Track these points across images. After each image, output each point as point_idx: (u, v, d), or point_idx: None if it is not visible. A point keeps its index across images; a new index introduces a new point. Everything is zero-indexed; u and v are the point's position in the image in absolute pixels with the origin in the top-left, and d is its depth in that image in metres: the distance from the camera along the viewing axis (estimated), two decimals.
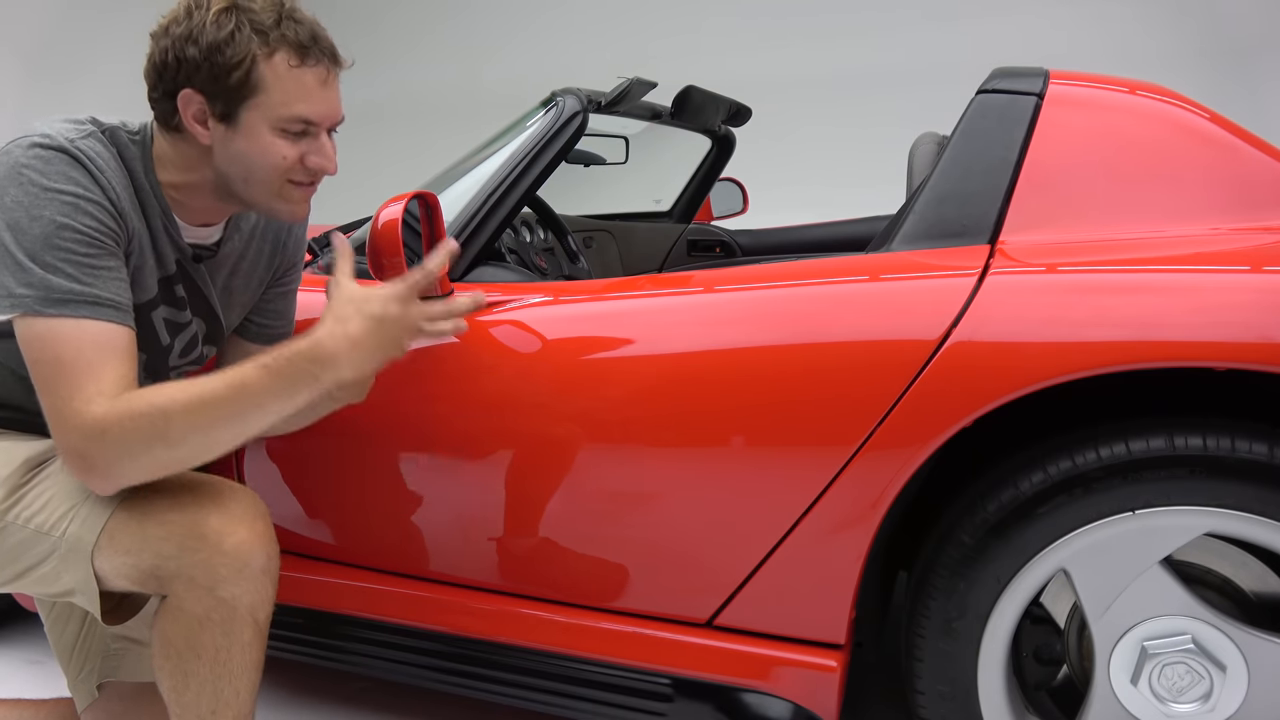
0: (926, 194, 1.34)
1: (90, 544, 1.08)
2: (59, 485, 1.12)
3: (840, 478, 1.21)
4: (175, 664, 1.10)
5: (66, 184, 1.04)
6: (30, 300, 1.01)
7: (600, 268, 2.49)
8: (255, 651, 1.12)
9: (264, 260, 1.34)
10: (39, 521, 1.10)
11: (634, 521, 1.35)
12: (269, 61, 1.07)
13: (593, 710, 1.41)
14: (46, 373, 1.02)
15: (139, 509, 1.08)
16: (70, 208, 1.03)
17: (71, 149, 1.05)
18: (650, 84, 1.86)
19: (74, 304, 1.02)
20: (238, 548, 1.07)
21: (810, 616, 1.29)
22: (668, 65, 2.90)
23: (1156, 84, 1.42)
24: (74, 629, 1.37)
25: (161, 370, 1.24)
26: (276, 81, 1.08)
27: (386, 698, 1.75)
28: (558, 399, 1.36)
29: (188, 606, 1.07)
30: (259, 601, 1.10)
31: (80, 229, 1.03)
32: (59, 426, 1.02)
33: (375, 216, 1.35)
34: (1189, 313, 1.10)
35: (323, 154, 1.14)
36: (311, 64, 1.10)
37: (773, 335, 1.26)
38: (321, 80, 1.11)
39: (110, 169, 1.08)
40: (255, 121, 1.09)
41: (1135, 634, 1.16)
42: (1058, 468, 1.14)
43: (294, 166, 1.13)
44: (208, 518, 1.07)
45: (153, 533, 1.07)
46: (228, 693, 1.12)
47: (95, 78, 5.37)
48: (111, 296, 1.05)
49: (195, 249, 1.22)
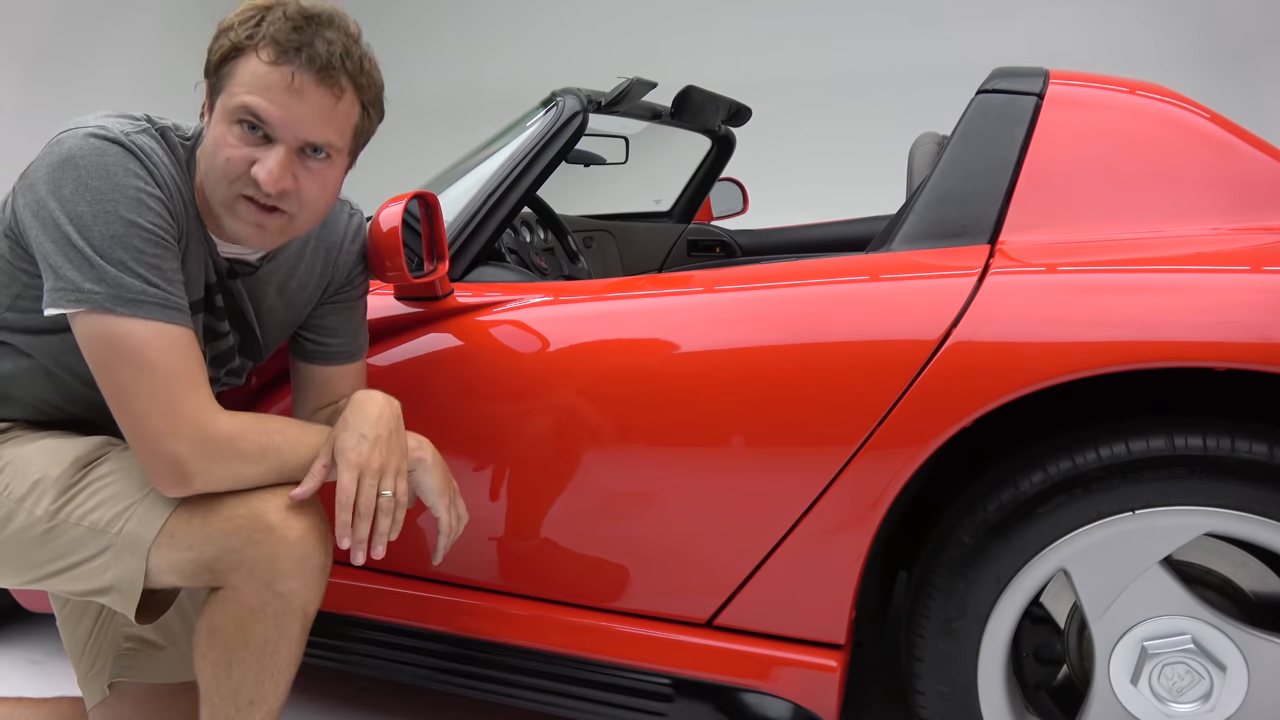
0: (926, 194, 1.34)
1: (149, 541, 1.07)
2: (114, 484, 1.11)
3: (840, 478, 1.21)
4: (221, 652, 1.09)
5: (127, 177, 1.01)
6: (101, 298, 0.99)
7: (600, 268, 2.49)
8: (298, 649, 1.12)
9: (314, 279, 1.30)
10: (94, 519, 1.09)
11: (634, 521, 1.35)
12: (249, 55, 1.03)
13: (593, 710, 1.41)
14: (130, 375, 1.01)
15: (202, 505, 1.08)
16: (135, 203, 1.01)
17: (127, 142, 1.03)
18: (650, 84, 1.86)
19: (148, 305, 1.01)
20: (302, 540, 1.07)
21: (810, 616, 1.29)
22: (668, 65, 2.90)
23: (1156, 84, 1.42)
24: (87, 625, 1.37)
25: None
26: (245, 73, 1.03)
27: (386, 698, 1.75)
28: (557, 399, 1.36)
29: (244, 598, 1.07)
30: (311, 598, 1.10)
31: (147, 227, 1.02)
32: (165, 432, 1.02)
33: (375, 216, 1.35)
34: (1189, 313, 1.10)
35: (264, 165, 1.03)
36: (285, 65, 1.02)
37: (773, 335, 1.26)
38: (287, 84, 1.02)
39: (164, 166, 1.07)
40: (219, 111, 1.06)
41: (1135, 634, 1.16)
42: (1058, 468, 1.14)
43: (240, 172, 1.05)
44: (270, 512, 1.07)
45: (218, 526, 1.06)
46: (268, 685, 1.11)
47: (95, 80, 5.38)
48: (180, 300, 1.04)
49: (231, 263, 1.20)
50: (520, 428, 1.39)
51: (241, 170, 1.05)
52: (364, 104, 1.11)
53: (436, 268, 1.42)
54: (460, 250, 1.52)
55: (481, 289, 1.48)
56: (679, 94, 2.16)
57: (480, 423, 1.41)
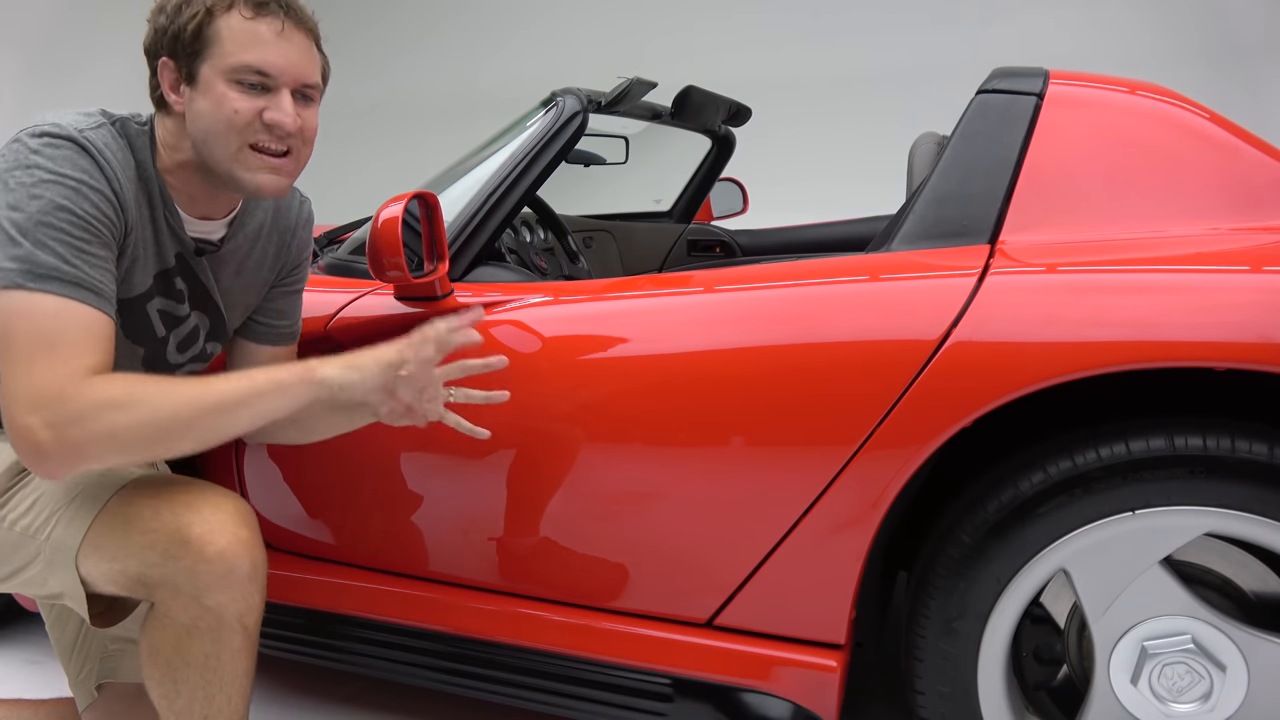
0: (926, 194, 1.34)
1: (74, 548, 1.07)
2: (46, 488, 1.12)
3: (840, 477, 1.21)
4: (165, 672, 1.10)
5: (72, 169, 1.03)
6: (13, 273, 0.99)
7: (600, 268, 2.49)
8: (245, 658, 1.12)
9: (268, 261, 1.33)
10: (25, 524, 1.10)
11: (634, 521, 1.35)
12: (225, 16, 1.08)
13: (593, 710, 1.41)
14: (21, 344, 0.98)
15: (122, 514, 1.08)
16: (72, 192, 1.03)
17: (80, 138, 1.05)
18: (650, 84, 1.86)
19: (57, 281, 1.00)
20: (221, 555, 1.05)
21: (810, 616, 1.29)
22: (668, 65, 2.90)
23: (1156, 84, 1.42)
24: (73, 629, 1.37)
25: (161, 364, 1.24)
26: (230, 34, 1.08)
27: (386, 698, 1.74)
28: (558, 399, 1.36)
29: (174, 614, 1.07)
30: (246, 608, 1.09)
31: (77, 212, 1.03)
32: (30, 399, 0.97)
33: (375, 216, 1.35)
34: (1189, 313, 1.10)
35: (279, 109, 1.10)
36: (267, 16, 1.09)
37: (773, 335, 1.26)
38: (276, 31, 1.09)
39: (117, 160, 1.08)
40: (211, 76, 1.08)
41: (1135, 634, 1.16)
42: (1058, 468, 1.14)
43: (251, 123, 1.09)
44: (191, 525, 1.06)
45: (136, 540, 1.06)
46: (219, 699, 1.11)
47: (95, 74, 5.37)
48: (96, 282, 1.04)
49: (198, 243, 1.21)
50: (520, 428, 1.39)
51: (250, 119, 1.09)
52: (318, 44, 1.17)
53: (436, 268, 1.42)
54: (460, 250, 1.52)
55: (481, 289, 1.48)
56: (679, 94, 2.16)
57: (479, 422, 1.41)
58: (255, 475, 1.60)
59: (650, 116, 2.18)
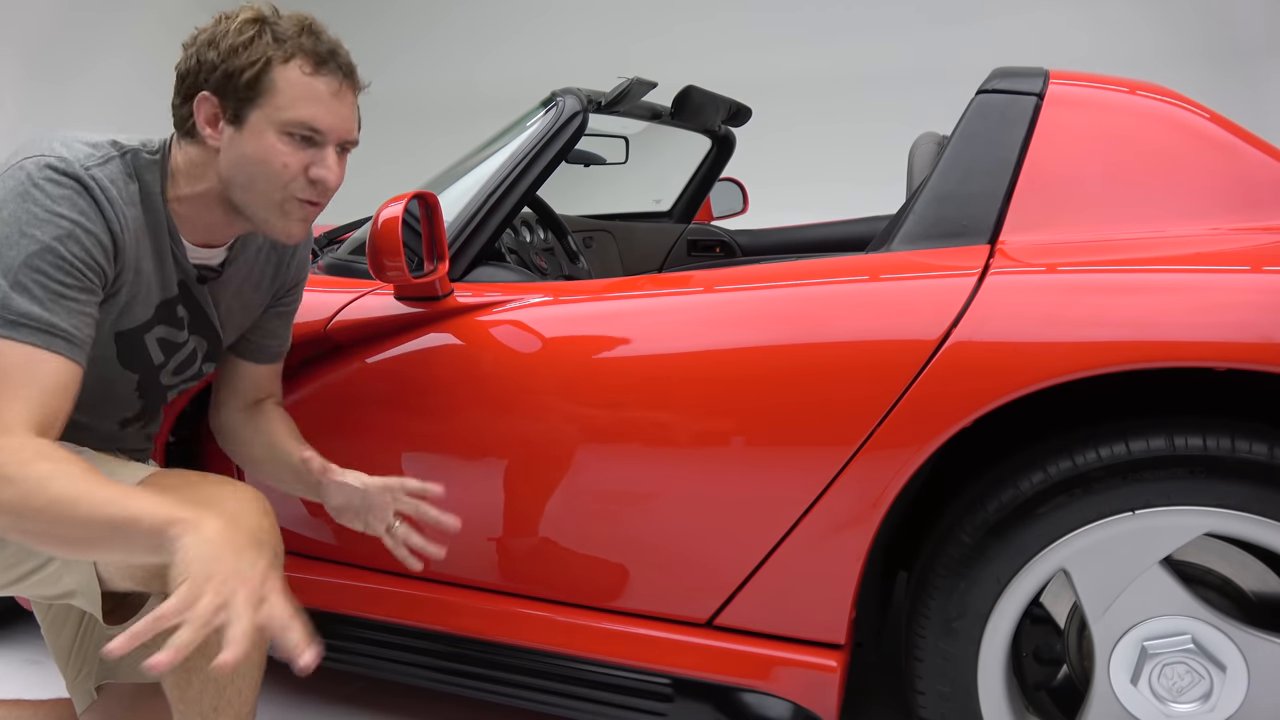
0: (926, 194, 1.34)
1: None
2: None
3: (840, 478, 1.21)
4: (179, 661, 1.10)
5: (69, 210, 1.02)
6: None
7: (600, 268, 2.49)
8: (258, 651, 1.12)
9: (265, 283, 1.33)
10: None
11: (634, 521, 1.35)
12: (283, 66, 1.08)
13: (593, 710, 1.41)
14: None
15: None
16: (63, 234, 1.02)
17: (85, 177, 1.04)
18: (650, 84, 1.86)
19: (25, 329, 0.99)
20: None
21: (810, 616, 1.29)
22: (668, 65, 2.90)
23: (1156, 84, 1.42)
24: (70, 631, 1.37)
25: (154, 385, 1.24)
26: (287, 86, 1.08)
27: (386, 698, 1.74)
28: (557, 399, 1.36)
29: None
30: None
31: (64, 255, 1.02)
32: None
33: (375, 216, 1.35)
34: (1189, 313, 1.10)
35: (325, 165, 1.11)
36: (325, 74, 1.10)
37: (773, 335, 1.26)
38: (334, 91, 1.10)
39: (120, 199, 1.07)
40: (261, 124, 1.08)
41: (1135, 634, 1.16)
42: (1058, 468, 1.14)
43: (296, 177, 1.11)
44: (209, 516, 1.06)
45: None
46: (230, 691, 1.12)
47: (95, 75, 5.38)
48: (68, 328, 1.02)
49: (200, 269, 1.21)
50: (520, 428, 1.39)
51: (297, 174, 1.11)
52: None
53: (436, 268, 1.42)
54: (460, 250, 1.52)
55: (481, 289, 1.48)
56: (679, 94, 2.16)
57: (480, 422, 1.41)
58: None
59: (650, 116, 2.18)
